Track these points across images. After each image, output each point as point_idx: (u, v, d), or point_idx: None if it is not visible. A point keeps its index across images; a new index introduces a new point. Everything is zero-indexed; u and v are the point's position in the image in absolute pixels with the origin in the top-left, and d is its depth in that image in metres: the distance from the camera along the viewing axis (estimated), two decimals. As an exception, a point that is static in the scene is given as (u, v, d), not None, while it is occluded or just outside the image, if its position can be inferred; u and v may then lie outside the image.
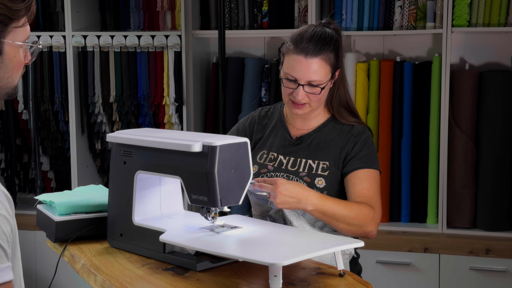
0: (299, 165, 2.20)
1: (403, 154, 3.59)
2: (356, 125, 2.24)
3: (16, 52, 1.44)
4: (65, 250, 2.02)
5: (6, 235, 1.31)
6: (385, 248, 3.51)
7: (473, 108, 3.50)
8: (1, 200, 1.32)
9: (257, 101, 3.83)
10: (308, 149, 2.22)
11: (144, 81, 3.88)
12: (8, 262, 1.30)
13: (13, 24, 1.41)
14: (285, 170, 2.20)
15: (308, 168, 2.19)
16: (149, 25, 4.03)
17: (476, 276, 3.42)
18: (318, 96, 2.16)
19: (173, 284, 1.69)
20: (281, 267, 1.57)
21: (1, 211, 1.31)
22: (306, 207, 2.02)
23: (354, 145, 2.20)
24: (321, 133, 2.24)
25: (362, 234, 2.11)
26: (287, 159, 2.23)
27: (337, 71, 2.20)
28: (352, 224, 2.07)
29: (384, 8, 3.61)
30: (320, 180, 2.17)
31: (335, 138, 2.22)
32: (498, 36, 3.66)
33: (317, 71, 2.13)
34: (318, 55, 2.12)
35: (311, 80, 2.13)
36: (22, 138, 4.18)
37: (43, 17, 4.11)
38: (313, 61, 2.12)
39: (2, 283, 1.29)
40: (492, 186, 3.48)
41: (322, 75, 2.14)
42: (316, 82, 2.14)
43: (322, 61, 2.13)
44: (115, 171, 1.99)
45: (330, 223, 2.09)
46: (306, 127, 2.27)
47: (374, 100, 3.61)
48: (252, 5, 3.82)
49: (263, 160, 2.26)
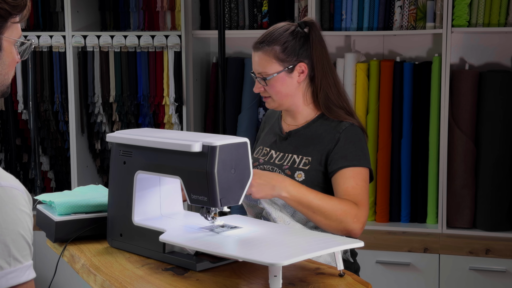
0: (284, 159, 2.25)
1: (403, 154, 3.59)
2: (344, 121, 2.23)
3: (12, 48, 1.45)
4: (65, 250, 2.02)
5: (31, 232, 1.33)
6: (385, 248, 3.51)
7: (473, 108, 3.50)
8: (25, 198, 1.34)
9: (257, 101, 3.83)
10: (295, 144, 2.26)
11: (144, 81, 3.88)
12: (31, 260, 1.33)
13: (12, 19, 1.42)
14: (273, 164, 2.26)
15: (291, 162, 2.23)
16: (149, 25, 4.03)
17: (475, 276, 3.42)
18: (273, 89, 2.25)
19: (173, 284, 1.69)
20: (281, 267, 1.57)
21: (26, 209, 1.33)
22: (281, 193, 2.04)
23: (337, 142, 2.19)
24: (309, 129, 2.27)
25: (344, 232, 2.08)
26: (277, 154, 2.29)
27: (299, 65, 2.23)
28: (330, 218, 2.06)
29: (384, 8, 3.61)
30: (300, 173, 2.19)
31: (322, 134, 2.23)
32: (498, 36, 3.66)
33: (260, 63, 2.26)
34: (260, 49, 2.26)
35: (259, 72, 2.26)
36: (22, 138, 4.18)
37: (43, 17, 4.11)
38: (256, 54, 2.27)
39: (30, 280, 1.32)
40: (492, 186, 3.48)
41: (266, 67, 2.24)
42: (263, 74, 2.25)
43: (263, 54, 2.25)
44: (115, 171, 1.99)
45: (307, 215, 2.08)
46: (295, 123, 2.32)
47: (374, 100, 3.61)
48: (252, 5, 3.82)
49: (258, 154, 2.34)
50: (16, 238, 1.30)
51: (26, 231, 1.32)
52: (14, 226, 1.30)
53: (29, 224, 1.33)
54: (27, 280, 1.31)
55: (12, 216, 1.30)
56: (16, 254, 1.30)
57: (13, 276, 1.29)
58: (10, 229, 1.29)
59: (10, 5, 1.40)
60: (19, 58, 1.49)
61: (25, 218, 1.32)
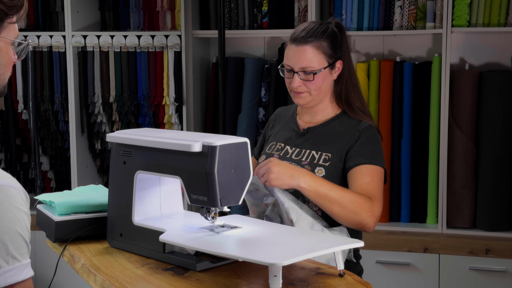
0: (302, 155, 2.26)
1: (403, 154, 3.59)
2: (363, 121, 2.28)
3: (8, 49, 1.45)
4: (65, 250, 2.02)
5: (28, 231, 1.34)
6: (385, 248, 3.51)
7: (473, 108, 3.50)
8: (23, 197, 1.34)
9: (257, 101, 3.83)
10: (314, 141, 2.28)
11: (144, 81, 3.88)
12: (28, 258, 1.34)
13: (8, 19, 1.42)
14: (289, 159, 2.25)
15: (310, 158, 2.24)
16: (149, 25, 4.03)
17: (475, 276, 3.42)
18: (315, 84, 2.23)
19: (173, 284, 1.69)
20: (281, 267, 1.57)
21: (23, 208, 1.34)
22: (299, 183, 2.05)
23: (357, 139, 2.23)
24: (328, 127, 2.29)
25: (359, 225, 2.10)
26: (293, 150, 2.29)
27: (338, 62, 2.26)
28: (346, 209, 2.07)
29: (384, 8, 3.61)
30: (320, 169, 2.20)
31: (341, 132, 2.26)
32: (498, 36, 3.66)
33: (307, 58, 2.22)
34: (309, 43, 2.22)
35: (303, 67, 2.22)
36: (22, 138, 4.18)
37: (43, 17, 4.11)
38: (304, 48, 2.22)
39: (28, 278, 1.32)
40: (492, 186, 3.48)
41: (314, 61, 2.22)
42: (309, 69, 2.22)
43: (312, 48, 2.22)
44: (115, 171, 1.99)
45: (324, 205, 2.09)
46: (314, 120, 2.33)
47: (374, 100, 3.61)
48: (252, 5, 3.82)
49: (271, 150, 2.33)
50: (13, 237, 1.30)
51: (23, 230, 1.32)
52: (12, 225, 1.30)
53: (27, 222, 1.34)
54: (25, 278, 1.32)
55: (10, 215, 1.30)
56: (14, 253, 1.30)
57: (11, 275, 1.30)
58: (7, 228, 1.30)
59: (6, 6, 1.40)
60: (16, 59, 1.49)
61: (22, 216, 1.32)
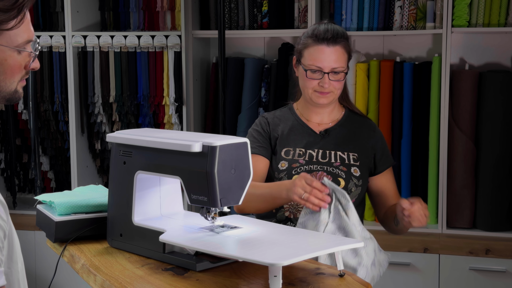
0: (329, 157, 2.30)
1: (403, 154, 3.59)
2: (366, 117, 2.43)
3: (7, 56, 1.41)
4: (65, 250, 2.02)
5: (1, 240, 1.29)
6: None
7: (473, 108, 3.50)
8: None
9: (257, 101, 3.83)
10: (336, 141, 2.33)
11: (144, 81, 3.88)
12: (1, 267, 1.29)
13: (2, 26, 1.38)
14: (317, 162, 2.29)
15: (340, 159, 2.29)
16: (149, 25, 4.03)
17: (475, 277, 3.42)
18: (341, 83, 2.31)
19: (173, 284, 1.69)
20: (281, 267, 1.57)
21: None
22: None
23: (377, 141, 2.36)
24: (345, 127, 2.37)
25: None
26: (316, 152, 2.32)
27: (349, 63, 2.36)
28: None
29: (384, 8, 3.61)
30: (355, 169, 2.29)
31: (356, 130, 2.36)
32: (498, 36, 3.66)
33: (338, 58, 2.28)
34: (338, 43, 2.28)
35: (334, 67, 2.27)
36: (22, 138, 4.18)
37: (43, 17, 4.11)
38: (335, 49, 2.28)
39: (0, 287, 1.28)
40: (492, 186, 3.48)
41: (343, 61, 2.29)
42: (339, 69, 2.28)
43: (342, 49, 2.29)
44: (115, 171, 1.99)
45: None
46: (325, 121, 2.38)
47: (374, 100, 3.61)
48: (252, 5, 3.82)
49: (291, 156, 2.33)
50: None
51: None
52: None
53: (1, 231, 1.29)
54: None
55: None
56: None
57: None
58: None
59: None
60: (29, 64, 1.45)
61: None
